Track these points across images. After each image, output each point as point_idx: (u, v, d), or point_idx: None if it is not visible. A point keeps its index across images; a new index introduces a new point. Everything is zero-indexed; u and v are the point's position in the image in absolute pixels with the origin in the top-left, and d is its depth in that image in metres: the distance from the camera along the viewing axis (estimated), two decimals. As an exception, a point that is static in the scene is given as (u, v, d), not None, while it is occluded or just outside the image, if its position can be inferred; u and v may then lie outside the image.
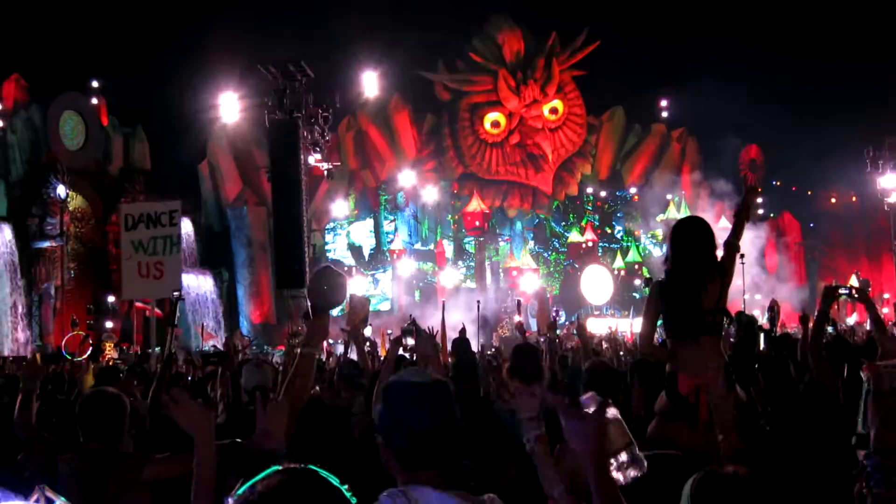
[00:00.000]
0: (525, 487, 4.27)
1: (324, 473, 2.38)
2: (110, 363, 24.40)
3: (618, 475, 3.02)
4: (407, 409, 3.37)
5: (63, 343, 27.64)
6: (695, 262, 6.68)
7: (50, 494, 3.47)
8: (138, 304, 33.55)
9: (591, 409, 3.10)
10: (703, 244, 6.76)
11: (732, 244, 6.88)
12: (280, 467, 2.38)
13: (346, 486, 2.36)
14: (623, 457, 3.02)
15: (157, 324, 23.76)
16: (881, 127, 51.21)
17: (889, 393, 4.62)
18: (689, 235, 6.83)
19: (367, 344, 11.66)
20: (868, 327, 16.95)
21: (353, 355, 10.51)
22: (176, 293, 19.04)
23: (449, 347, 12.65)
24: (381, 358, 12.60)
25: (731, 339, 9.31)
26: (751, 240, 55.84)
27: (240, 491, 2.34)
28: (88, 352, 21.61)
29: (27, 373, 7.13)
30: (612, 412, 3.12)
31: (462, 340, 11.46)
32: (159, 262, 20.27)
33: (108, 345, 30.67)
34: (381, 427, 3.45)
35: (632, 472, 3.03)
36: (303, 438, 5.52)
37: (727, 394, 6.17)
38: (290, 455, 5.41)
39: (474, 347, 14.03)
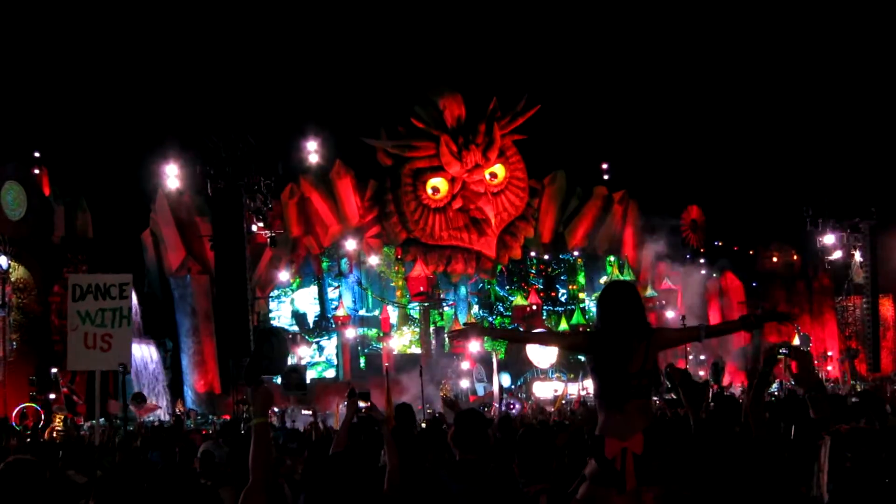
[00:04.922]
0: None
1: None
2: (56, 436, 24.26)
3: None
4: None
5: (14, 413, 27.32)
6: (622, 327, 6.81)
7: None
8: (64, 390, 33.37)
9: None
10: (631, 309, 6.91)
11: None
12: None
13: None
14: None
15: (102, 395, 23.48)
16: (820, 186, 52.08)
17: None
18: (617, 300, 7.00)
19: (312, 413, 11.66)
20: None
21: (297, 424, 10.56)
22: (122, 366, 18.97)
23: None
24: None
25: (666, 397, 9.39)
26: (692, 298, 56.43)
27: None
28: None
29: None
30: None
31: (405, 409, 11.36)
32: (107, 334, 19.92)
33: (57, 417, 30.47)
34: None
35: None
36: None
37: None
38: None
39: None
